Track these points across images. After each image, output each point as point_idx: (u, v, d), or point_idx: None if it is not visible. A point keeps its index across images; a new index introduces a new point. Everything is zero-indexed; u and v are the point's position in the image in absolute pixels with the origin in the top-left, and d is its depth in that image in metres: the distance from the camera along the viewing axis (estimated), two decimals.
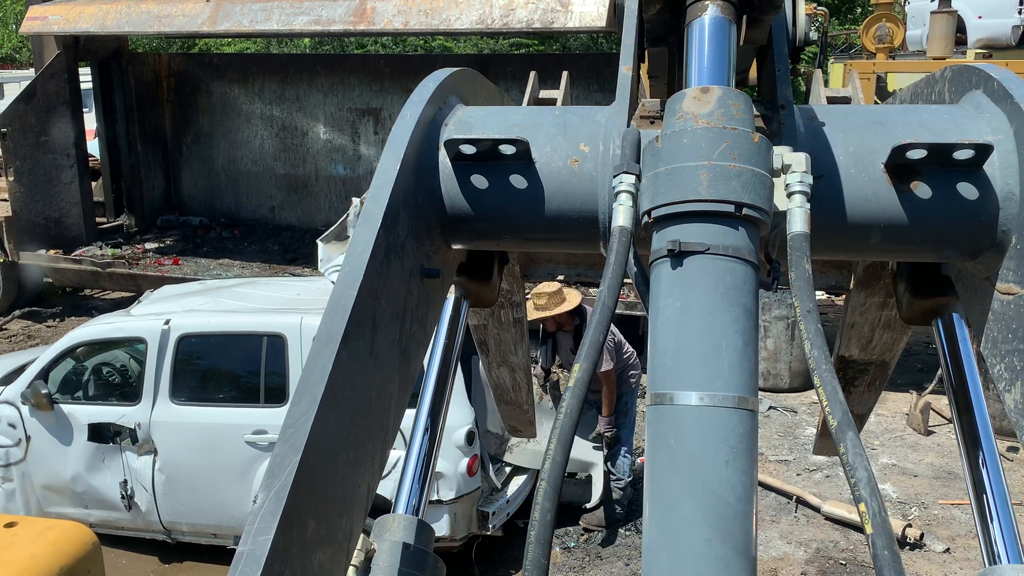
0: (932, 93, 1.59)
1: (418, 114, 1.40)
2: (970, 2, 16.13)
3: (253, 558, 0.93)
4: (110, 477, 6.47)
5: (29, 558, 3.32)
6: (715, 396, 1.07)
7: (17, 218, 11.86)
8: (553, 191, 1.43)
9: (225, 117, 14.07)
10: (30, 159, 11.92)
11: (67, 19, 11.13)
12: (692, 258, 1.13)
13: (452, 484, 5.99)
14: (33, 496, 6.69)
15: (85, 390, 6.70)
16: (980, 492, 1.32)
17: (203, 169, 14.35)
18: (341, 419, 1.13)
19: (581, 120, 1.49)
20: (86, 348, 6.71)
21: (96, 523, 6.65)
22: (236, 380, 6.52)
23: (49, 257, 11.97)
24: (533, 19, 9.32)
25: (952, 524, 6.92)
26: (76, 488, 6.57)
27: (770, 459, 8.03)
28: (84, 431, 6.45)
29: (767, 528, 6.91)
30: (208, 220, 14.12)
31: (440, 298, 1.64)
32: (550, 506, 1.04)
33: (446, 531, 6.07)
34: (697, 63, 1.34)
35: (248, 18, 10.33)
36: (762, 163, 1.17)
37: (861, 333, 2.14)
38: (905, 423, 8.70)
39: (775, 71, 1.50)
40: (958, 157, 1.27)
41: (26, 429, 6.56)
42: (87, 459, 6.48)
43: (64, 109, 12.19)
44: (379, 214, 1.24)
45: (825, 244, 1.37)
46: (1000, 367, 1.29)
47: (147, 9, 10.86)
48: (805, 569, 6.40)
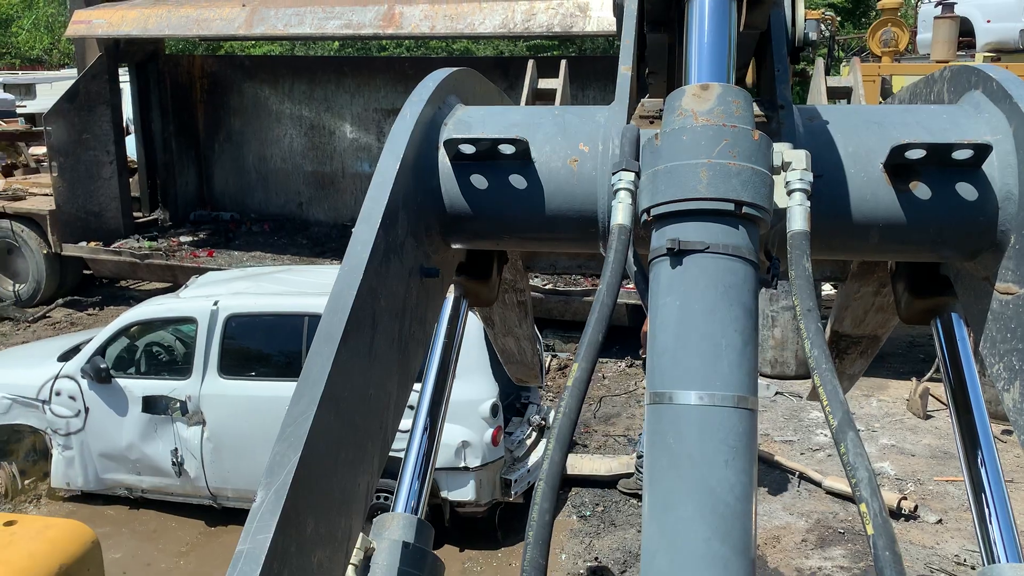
0: (931, 93, 1.59)
1: (417, 114, 1.41)
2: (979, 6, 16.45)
3: (252, 557, 0.93)
4: (162, 446, 7.00)
5: (28, 556, 3.29)
6: (714, 395, 1.06)
7: (60, 212, 12.48)
8: (552, 191, 1.43)
9: (256, 117, 14.65)
10: (72, 156, 12.55)
11: (111, 22, 11.73)
12: (692, 257, 1.13)
13: (477, 453, 6.49)
14: (91, 464, 7.24)
15: (138, 366, 7.24)
16: (979, 491, 1.31)
17: (234, 166, 14.94)
18: (340, 418, 1.13)
19: (580, 120, 1.50)
20: (139, 327, 7.26)
21: (148, 488, 7.23)
22: (279, 356, 7.06)
23: (90, 249, 12.57)
24: (553, 23, 9.82)
25: (945, 498, 7.36)
26: (130, 456, 7.11)
27: (776, 440, 8.48)
28: (138, 403, 6.99)
29: (771, 501, 7.38)
30: (239, 215, 14.69)
31: (439, 297, 1.64)
32: (548, 507, 1.03)
33: (472, 496, 6.57)
34: (697, 46, 1.33)
35: (282, 22, 10.88)
36: (762, 161, 1.16)
37: (855, 315, 2.19)
38: (905, 408, 9.13)
39: (774, 71, 1.50)
40: (957, 157, 1.27)
41: (85, 401, 7.11)
42: (141, 429, 7.02)
43: (104, 108, 12.82)
44: (378, 213, 1.24)
45: (824, 244, 1.37)
46: (999, 366, 1.29)
47: (186, 13, 11.45)
48: (805, 537, 6.85)
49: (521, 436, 7.27)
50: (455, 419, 6.40)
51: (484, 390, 6.49)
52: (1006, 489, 1.30)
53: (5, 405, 7.28)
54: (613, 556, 6.67)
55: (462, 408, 6.41)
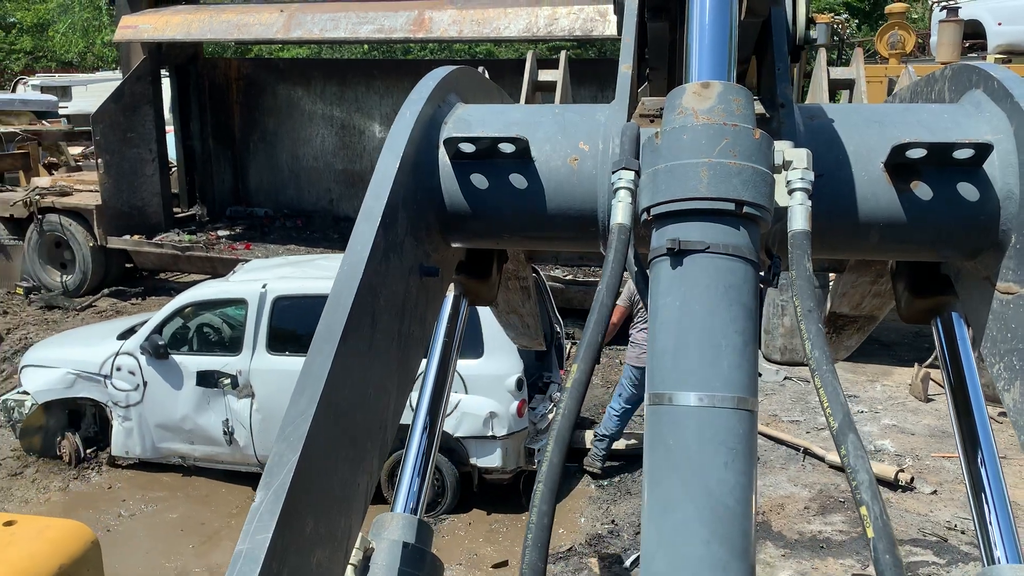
0: (932, 92, 1.58)
1: (417, 112, 1.40)
2: (990, 8, 16.79)
3: (251, 557, 0.93)
4: (214, 417, 7.62)
5: (28, 557, 3.27)
6: (714, 397, 1.06)
7: (106, 206, 13.16)
8: (552, 190, 1.43)
9: (289, 117, 15.32)
10: (117, 153, 13.24)
11: (156, 27, 12.41)
12: (692, 257, 1.12)
13: (504, 423, 7.06)
14: (148, 434, 7.87)
15: (191, 344, 7.87)
16: (979, 491, 1.30)
17: (268, 164, 15.62)
18: (340, 417, 1.13)
19: (581, 118, 1.49)
20: (192, 308, 7.89)
21: (200, 457, 7.85)
22: None
23: (134, 242, 13.25)
24: (575, 28, 10.39)
25: (941, 472, 7.85)
26: (184, 426, 7.74)
27: (783, 420, 8.99)
28: (192, 377, 7.61)
29: (777, 473, 7.90)
30: (272, 211, 15.36)
31: (439, 296, 1.63)
32: (547, 509, 1.03)
33: (499, 463, 7.14)
34: (698, 41, 1.31)
35: (318, 26, 11.52)
36: (763, 160, 1.15)
37: (853, 300, 2.23)
38: (908, 392, 9.62)
39: (775, 69, 1.49)
40: (958, 156, 1.26)
41: (143, 376, 7.74)
42: (194, 401, 7.64)
43: (148, 109, 13.51)
44: (378, 212, 1.24)
45: (824, 243, 1.36)
46: (999, 366, 1.28)
47: (227, 19, 12.11)
48: (808, 504, 7.37)
49: (543, 411, 7.84)
50: (484, 392, 7.00)
51: (510, 366, 7.06)
52: (1007, 490, 1.29)
53: (70, 380, 7.93)
54: (628, 520, 7.22)
55: (490, 382, 7.00)
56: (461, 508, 7.29)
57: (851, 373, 10.25)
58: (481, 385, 7.01)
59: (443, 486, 7.25)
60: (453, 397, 6.95)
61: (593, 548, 6.75)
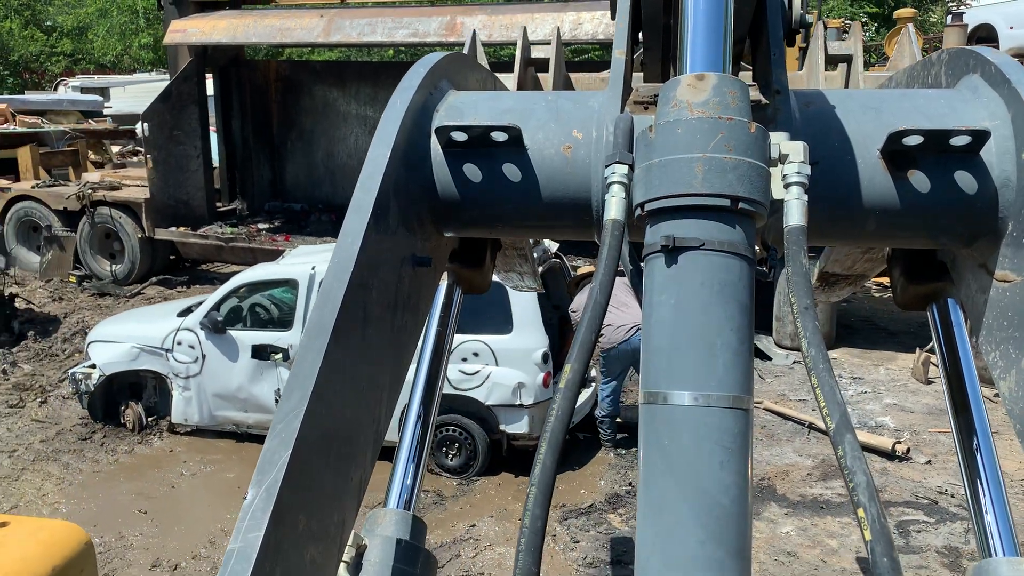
0: (928, 76, 1.56)
1: (408, 100, 1.37)
2: (1002, 13, 17.25)
3: (243, 555, 0.93)
4: (266, 387, 8.34)
5: (20, 559, 3.23)
6: (709, 396, 1.05)
7: (154, 200, 13.98)
8: (546, 178, 1.40)
9: (324, 117, 16.10)
10: (164, 150, 14.05)
11: (203, 31, 13.22)
12: (687, 254, 1.11)
13: (531, 393, 7.73)
14: (205, 403, 8.62)
15: (245, 321, 8.61)
16: (975, 481, 1.30)
17: (304, 161, 16.41)
18: (332, 413, 1.11)
19: (574, 105, 1.46)
20: (247, 288, 8.63)
21: (253, 424, 8.58)
22: None
23: (180, 233, 14.06)
24: (598, 32, 11.07)
25: (936, 445, 8.44)
26: (239, 396, 8.47)
27: (791, 399, 9.61)
28: (247, 351, 8.34)
29: (783, 444, 8.53)
30: (308, 206, 16.13)
31: (432, 286, 1.61)
32: (540, 512, 1.02)
33: (526, 430, 7.82)
34: (692, 22, 1.29)
35: (356, 31, 12.26)
36: (759, 154, 1.14)
37: (844, 264, 2.27)
38: (909, 375, 10.21)
39: (770, 54, 1.45)
40: (955, 144, 1.24)
41: (202, 349, 8.49)
42: (249, 373, 8.37)
43: (193, 108, 14.30)
44: (369, 204, 1.21)
45: (820, 231, 1.34)
46: (995, 354, 1.27)
47: (270, 23, 12.89)
48: (811, 472, 7.99)
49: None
50: (512, 364, 7.68)
51: (537, 340, 7.74)
52: (1003, 481, 1.27)
53: (134, 353, 8.70)
54: None
55: (518, 355, 7.68)
56: (491, 471, 7.97)
57: (857, 358, 10.85)
58: (510, 358, 7.69)
59: (475, 451, 7.93)
60: (484, 369, 7.66)
61: (611, 505, 7.42)
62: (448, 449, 7.95)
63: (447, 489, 7.77)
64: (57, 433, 8.83)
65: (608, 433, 8.49)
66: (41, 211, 14.72)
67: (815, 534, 6.88)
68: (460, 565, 6.54)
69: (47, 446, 8.55)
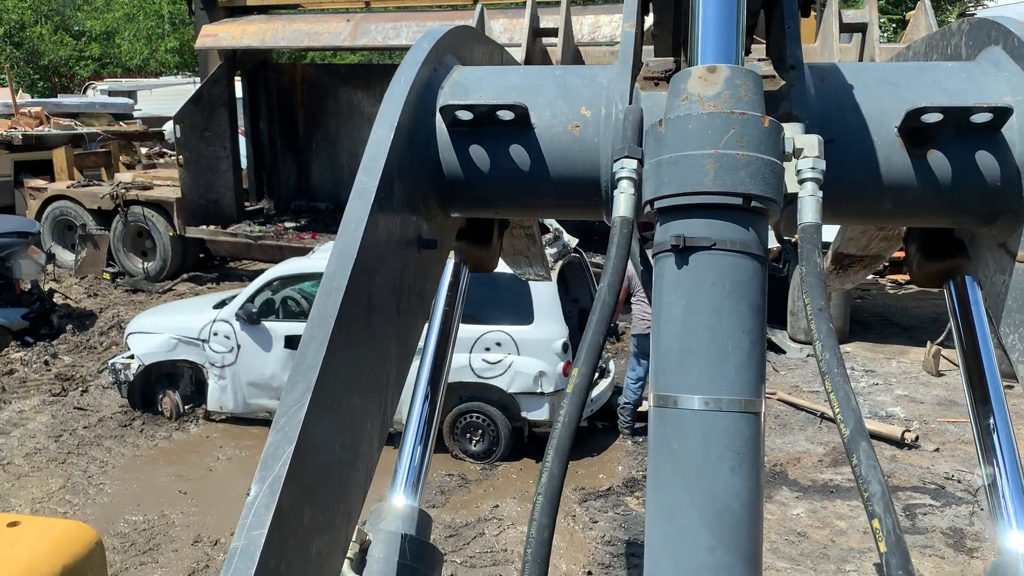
0: (948, 47, 1.51)
1: (412, 78, 1.33)
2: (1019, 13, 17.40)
3: (247, 554, 0.92)
4: None
5: (31, 557, 3.25)
6: (720, 400, 1.04)
7: (185, 199, 14.43)
8: (553, 158, 1.36)
9: (349, 118, 16.51)
10: (195, 151, 14.51)
11: (233, 36, 13.65)
12: (697, 254, 1.08)
13: (551, 381, 8.06)
14: (240, 391, 9.01)
15: (278, 313, 9.00)
16: (991, 456, 1.27)
17: (329, 162, 16.83)
18: (337, 403, 1.10)
19: (582, 82, 1.42)
20: (279, 281, 9.01)
21: None
22: None
23: (210, 231, 14.51)
24: (615, 34, 11.38)
25: (945, 434, 8.70)
26: (272, 384, 8.85)
27: (804, 390, 9.89)
28: (281, 341, 8.72)
29: (795, 433, 8.81)
30: (332, 205, 16.54)
31: (438, 268, 1.58)
32: (547, 522, 1.01)
33: (547, 416, 8.14)
34: (703, 9, 1.24)
35: (382, 35, 12.64)
36: (772, 149, 1.10)
37: (859, 244, 2.22)
38: (921, 368, 10.45)
39: (784, 27, 1.38)
40: (975, 121, 1.21)
41: (237, 340, 8.87)
42: (282, 362, 8.74)
43: (223, 110, 14.77)
44: (372, 187, 1.19)
45: (835, 211, 1.31)
46: (1014, 336, 1.24)
47: (298, 28, 13.31)
48: (822, 458, 8.27)
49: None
50: (533, 354, 8.01)
51: (557, 331, 8.07)
52: (1019, 456, 1.26)
53: (172, 344, 9.11)
54: None
55: (539, 345, 8.02)
56: (513, 456, 8.31)
57: (869, 352, 11.10)
58: (531, 348, 8.02)
59: (498, 437, 8.27)
60: (506, 358, 8.00)
61: (629, 489, 7.74)
62: (472, 435, 8.30)
63: (471, 473, 8.11)
64: (99, 420, 9.26)
65: (627, 420, 8.80)
66: (76, 210, 15.24)
67: (824, 516, 7.17)
68: (484, 543, 6.88)
69: (90, 432, 8.98)
